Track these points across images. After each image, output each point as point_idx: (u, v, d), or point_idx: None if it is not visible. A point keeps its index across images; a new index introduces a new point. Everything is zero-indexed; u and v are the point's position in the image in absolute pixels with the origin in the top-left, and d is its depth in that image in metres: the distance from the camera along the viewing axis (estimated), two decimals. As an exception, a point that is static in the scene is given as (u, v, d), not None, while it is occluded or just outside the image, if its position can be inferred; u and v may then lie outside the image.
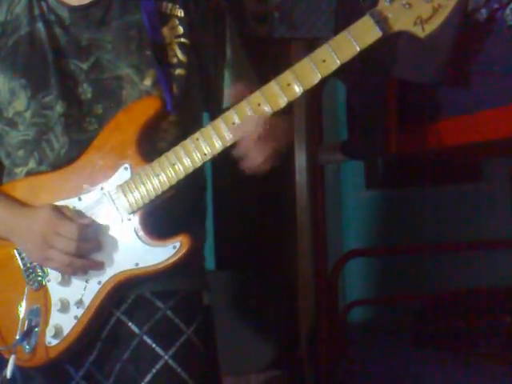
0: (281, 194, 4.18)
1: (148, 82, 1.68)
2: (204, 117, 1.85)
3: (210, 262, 3.70)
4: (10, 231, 1.68)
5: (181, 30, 1.72)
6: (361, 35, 1.52)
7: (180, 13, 1.73)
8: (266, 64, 4.21)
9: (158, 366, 1.65)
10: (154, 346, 1.66)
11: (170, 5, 1.73)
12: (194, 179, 1.66)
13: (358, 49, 1.52)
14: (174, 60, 1.70)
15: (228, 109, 1.70)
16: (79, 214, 1.63)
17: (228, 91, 1.77)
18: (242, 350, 3.32)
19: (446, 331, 3.30)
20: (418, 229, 4.19)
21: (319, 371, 3.62)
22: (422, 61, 2.41)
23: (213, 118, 1.78)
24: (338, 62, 1.54)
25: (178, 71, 1.70)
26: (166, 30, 1.71)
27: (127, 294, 1.67)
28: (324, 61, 1.54)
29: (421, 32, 1.52)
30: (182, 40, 1.72)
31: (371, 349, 3.49)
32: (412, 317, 3.64)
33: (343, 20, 3.23)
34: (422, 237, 4.21)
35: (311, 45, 4.22)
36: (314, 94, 3.28)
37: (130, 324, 1.67)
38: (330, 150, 3.52)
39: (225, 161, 1.68)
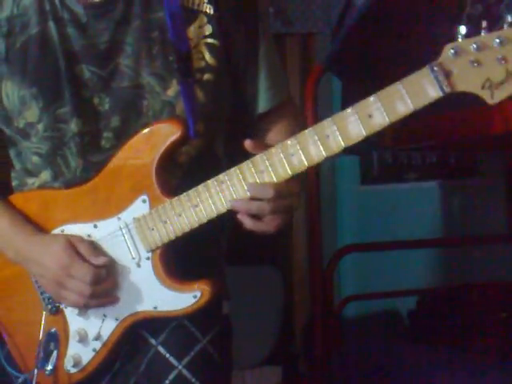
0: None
1: (171, 92, 1.53)
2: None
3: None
4: (23, 261, 1.58)
5: (209, 29, 1.54)
6: (417, 92, 1.31)
7: (209, 9, 1.54)
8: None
9: (171, 377, 1.58)
10: (167, 355, 1.59)
11: (197, 0, 1.55)
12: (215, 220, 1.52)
13: (412, 108, 1.32)
14: (202, 64, 1.54)
15: (264, 116, 1.62)
16: (94, 250, 1.53)
17: (263, 94, 1.61)
18: (237, 345, 3.32)
19: (441, 326, 3.30)
20: (413, 224, 4.19)
21: (314, 366, 3.62)
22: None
23: (243, 123, 1.66)
24: (387, 119, 1.34)
25: (207, 76, 1.54)
26: (192, 30, 1.54)
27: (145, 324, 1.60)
28: (370, 116, 1.34)
29: (489, 98, 1.27)
30: (211, 41, 1.55)
31: (366, 344, 3.49)
32: (407, 312, 3.65)
33: (338, 15, 3.23)
34: (418, 232, 4.22)
35: (306, 40, 4.23)
36: (308, 90, 3.27)
37: (147, 336, 1.61)
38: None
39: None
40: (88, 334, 1.57)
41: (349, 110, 1.35)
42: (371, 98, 1.33)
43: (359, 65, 1.44)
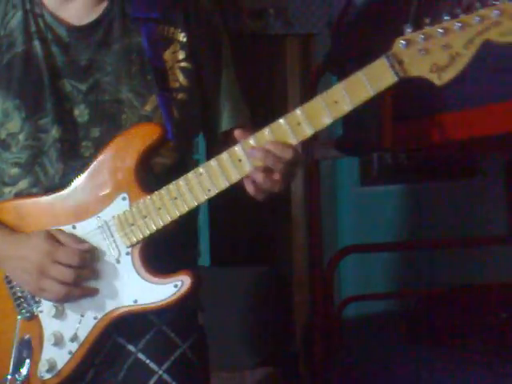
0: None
1: (149, 107, 1.62)
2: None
3: (204, 258, 3.71)
4: (0, 261, 1.60)
5: (183, 54, 1.67)
6: (376, 78, 1.46)
7: (182, 37, 1.67)
8: (261, 60, 4.22)
9: (151, 382, 1.59)
10: (148, 361, 1.61)
11: (171, 29, 1.67)
12: (192, 212, 1.58)
13: (372, 93, 1.47)
14: (176, 84, 1.65)
15: (226, 133, 1.69)
16: (76, 238, 1.56)
17: (226, 114, 1.73)
18: (237, 346, 3.32)
19: (440, 327, 3.30)
20: (414, 225, 4.19)
21: (314, 367, 3.62)
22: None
23: (209, 141, 1.77)
24: (350, 105, 1.48)
25: (180, 96, 1.65)
26: (167, 54, 1.66)
27: (123, 323, 1.60)
28: (336, 102, 1.48)
29: (437, 80, 1.45)
30: (184, 64, 1.67)
31: (366, 344, 3.49)
32: (407, 313, 3.64)
33: (337, 15, 3.23)
34: (418, 233, 4.22)
35: (306, 40, 4.23)
36: (308, 90, 3.27)
37: (125, 344, 1.62)
38: (325, 146, 3.52)
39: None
40: (64, 335, 1.56)
41: (318, 98, 1.50)
42: (336, 86, 1.49)
43: (359, 65, 1.47)
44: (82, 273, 1.53)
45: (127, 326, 1.59)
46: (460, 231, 4.23)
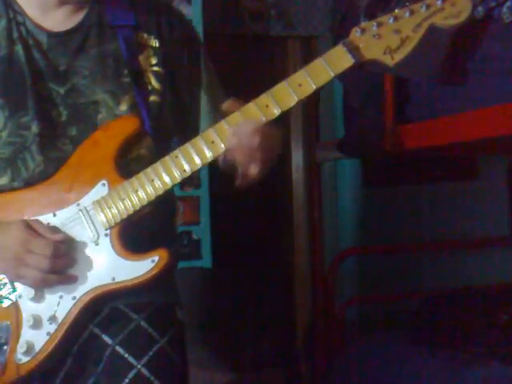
0: (278, 191, 4.19)
1: (124, 107, 1.71)
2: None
3: (206, 260, 3.72)
4: None
5: (155, 59, 1.77)
6: (335, 62, 1.64)
7: (155, 43, 1.78)
8: (262, 62, 4.22)
9: (130, 375, 1.63)
10: (126, 355, 1.65)
11: (145, 35, 1.78)
12: (167, 196, 1.69)
13: (332, 74, 1.64)
14: (149, 87, 1.75)
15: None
16: (52, 229, 1.63)
17: (206, 116, 1.83)
18: (238, 347, 3.32)
19: (442, 329, 3.30)
20: (415, 227, 4.19)
21: (316, 369, 3.63)
22: (419, 58, 2.41)
23: (187, 139, 1.82)
24: (314, 86, 1.64)
25: (153, 98, 1.75)
26: (141, 59, 1.76)
27: (101, 307, 1.67)
28: (300, 85, 1.64)
29: (390, 60, 1.64)
30: (156, 69, 1.77)
31: (368, 347, 3.49)
32: (409, 314, 3.64)
33: (339, 18, 3.23)
34: (419, 234, 4.22)
35: (308, 43, 4.23)
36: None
37: (103, 336, 1.67)
38: (326, 148, 3.53)
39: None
40: (42, 317, 1.61)
41: (282, 83, 1.65)
42: (300, 71, 1.66)
43: (360, 67, 1.54)
44: (58, 262, 1.59)
45: (106, 318, 1.65)
46: (461, 233, 4.23)
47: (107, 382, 1.64)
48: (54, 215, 1.65)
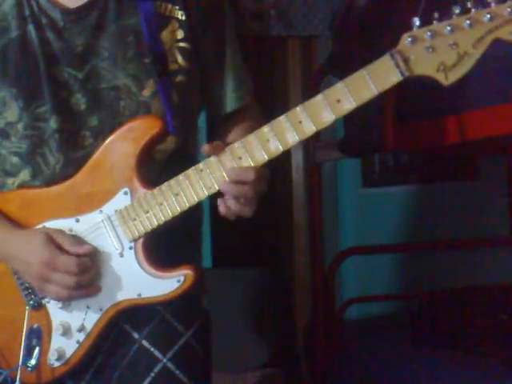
0: (278, 192, 4.19)
1: (147, 92, 1.60)
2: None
3: (206, 260, 3.71)
4: (5, 257, 1.61)
5: (181, 33, 1.62)
6: (380, 77, 1.41)
7: (180, 15, 1.62)
8: (263, 62, 4.22)
9: (156, 370, 1.62)
10: (152, 349, 1.63)
11: (169, 6, 1.62)
12: (193, 209, 1.58)
13: (376, 92, 1.42)
14: (175, 66, 1.61)
15: (231, 114, 1.69)
16: (76, 241, 1.56)
17: (230, 94, 1.70)
18: (239, 348, 3.32)
19: (442, 329, 3.31)
20: (415, 226, 4.19)
21: (316, 368, 3.62)
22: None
23: (212, 122, 1.75)
24: (353, 104, 1.43)
25: (179, 78, 1.62)
26: (165, 34, 1.62)
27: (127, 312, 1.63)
28: (339, 101, 1.43)
29: (444, 80, 1.40)
30: (183, 44, 1.62)
31: (368, 346, 3.49)
32: (409, 314, 3.64)
33: (340, 18, 3.23)
34: (419, 234, 4.22)
35: (308, 42, 4.24)
36: (310, 92, 3.28)
37: (130, 330, 1.64)
38: (326, 148, 3.53)
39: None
40: (71, 326, 1.59)
41: (319, 97, 1.44)
42: (339, 84, 1.43)
43: (360, 67, 1.46)
44: (83, 278, 1.54)
45: (133, 313, 1.61)
46: (461, 233, 4.24)
47: (133, 376, 1.63)
48: (77, 221, 1.58)
